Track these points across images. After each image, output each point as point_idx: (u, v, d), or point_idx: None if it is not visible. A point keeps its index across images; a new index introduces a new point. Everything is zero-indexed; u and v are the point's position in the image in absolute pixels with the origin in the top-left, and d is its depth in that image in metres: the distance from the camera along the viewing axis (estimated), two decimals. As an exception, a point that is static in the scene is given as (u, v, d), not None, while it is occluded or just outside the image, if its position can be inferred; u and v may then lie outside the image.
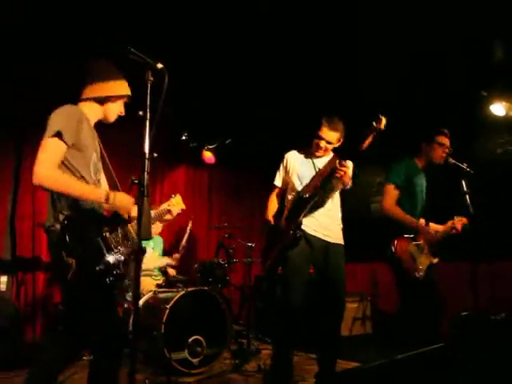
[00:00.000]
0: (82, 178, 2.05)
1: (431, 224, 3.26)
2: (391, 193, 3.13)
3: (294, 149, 3.19)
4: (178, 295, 3.51)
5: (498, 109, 4.35)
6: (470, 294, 3.03)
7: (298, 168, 3.08)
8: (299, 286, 2.92)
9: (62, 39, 4.12)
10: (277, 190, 3.22)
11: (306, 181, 2.97)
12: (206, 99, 5.07)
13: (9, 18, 3.78)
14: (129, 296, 3.64)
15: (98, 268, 1.92)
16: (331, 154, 3.03)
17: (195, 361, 3.39)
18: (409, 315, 3.02)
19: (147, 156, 1.67)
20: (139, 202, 1.63)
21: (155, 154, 1.69)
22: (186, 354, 3.38)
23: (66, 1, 3.63)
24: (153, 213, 2.53)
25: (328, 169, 2.80)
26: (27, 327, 4.42)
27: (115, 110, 2.26)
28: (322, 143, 2.96)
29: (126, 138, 5.12)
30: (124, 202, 2.05)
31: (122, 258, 2.02)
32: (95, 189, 2.06)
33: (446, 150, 3.10)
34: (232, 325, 3.80)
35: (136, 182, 1.67)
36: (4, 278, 4.50)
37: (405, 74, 4.74)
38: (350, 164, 2.88)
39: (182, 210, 2.79)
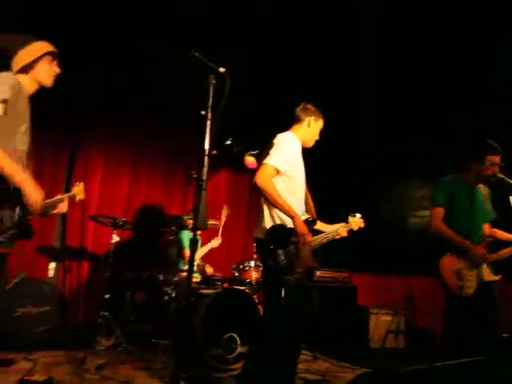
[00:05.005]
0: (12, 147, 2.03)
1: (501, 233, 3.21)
2: (435, 213, 3.11)
3: None
4: (215, 293, 3.61)
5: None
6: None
7: None
8: None
9: (127, 39, 4.41)
10: None
11: None
12: (252, 104, 5.24)
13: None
14: (170, 289, 3.78)
15: None
16: None
17: (229, 357, 3.47)
18: (453, 333, 2.99)
19: (207, 152, 1.77)
20: (197, 195, 1.73)
21: (214, 151, 1.80)
22: (220, 350, 3.47)
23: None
24: (49, 201, 2.44)
25: None
26: (71, 312, 4.65)
27: (43, 73, 2.23)
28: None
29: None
30: (35, 192, 2.02)
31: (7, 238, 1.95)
32: (18, 169, 1.99)
33: (497, 168, 3.02)
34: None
35: (195, 176, 1.78)
36: (53, 265, 4.78)
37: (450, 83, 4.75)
38: None
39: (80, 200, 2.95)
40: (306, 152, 2.98)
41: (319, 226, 2.97)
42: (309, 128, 2.88)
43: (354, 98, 5.74)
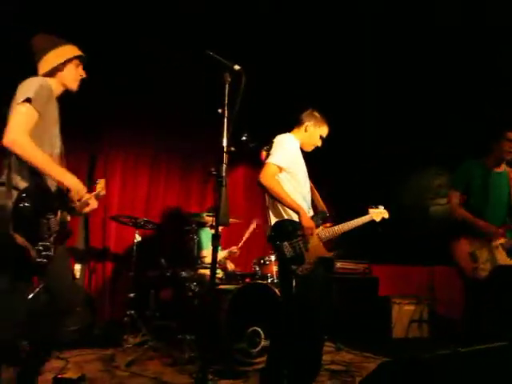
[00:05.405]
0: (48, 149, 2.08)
1: None
2: (452, 197, 3.19)
3: None
4: (238, 288, 3.66)
5: None
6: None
7: None
8: None
9: (138, 42, 4.47)
10: None
11: None
12: (267, 99, 5.25)
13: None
14: (193, 285, 3.85)
15: (36, 247, 1.91)
16: None
17: (254, 351, 3.52)
18: (471, 316, 3.00)
19: (225, 149, 1.81)
20: (218, 192, 1.78)
21: (233, 148, 1.84)
22: (245, 344, 3.52)
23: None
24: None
25: None
26: (98, 312, 4.77)
27: (70, 76, 2.26)
28: None
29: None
30: (78, 185, 2.11)
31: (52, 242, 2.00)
32: (62, 170, 2.07)
33: None
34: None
35: (214, 173, 1.82)
36: (78, 267, 4.89)
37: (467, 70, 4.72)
38: None
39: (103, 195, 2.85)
40: (306, 152, 3.07)
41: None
42: (306, 133, 2.99)
43: (354, 99, 5.78)
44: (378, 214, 3.13)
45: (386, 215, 3.18)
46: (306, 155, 3.07)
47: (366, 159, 6.22)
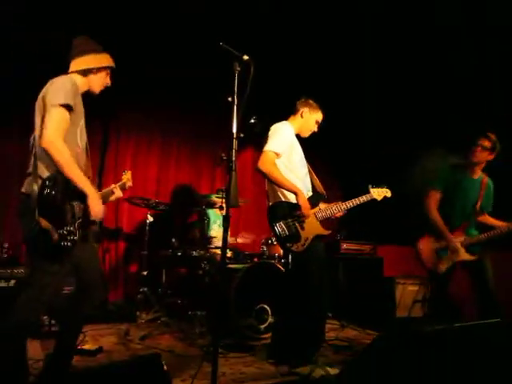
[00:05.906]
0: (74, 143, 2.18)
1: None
2: (431, 196, 3.40)
3: None
4: (247, 267, 3.80)
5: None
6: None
7: None
8: None
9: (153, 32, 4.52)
10: None
11: None
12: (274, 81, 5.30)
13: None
14: (204, 264, 4.00)
15: (60, 232, 1.99)
16: None
17: (262, 327, 3.68)
18: (436, 305, 3.26)
19: (235, 136, 1.92)
20: (228, 175, 1.90)
21: (242, 135, 1.94)
22: (253, 320, 3.68)
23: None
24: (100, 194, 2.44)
25: None
26: (112, 289, 4.98)
27: (98, 81, 2.39)
28: None
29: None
30: (97, 207, 2.16)
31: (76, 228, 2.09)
32: (87, 181, 2.14)
33: (487, 153, 3.22)
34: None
35: (225, 158, 1.94)
36: (93, 246, 5.07)
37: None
38: None
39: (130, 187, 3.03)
40: (306, 151, 3.21)
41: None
42: (302, 118, 3.16)
43: (354, 99, 5.83)
44: (380, 192, 3.24)
45: (389, 194, 3.29)
46: (307, 155, 3.20)
47: (366, 159, 6.28)
